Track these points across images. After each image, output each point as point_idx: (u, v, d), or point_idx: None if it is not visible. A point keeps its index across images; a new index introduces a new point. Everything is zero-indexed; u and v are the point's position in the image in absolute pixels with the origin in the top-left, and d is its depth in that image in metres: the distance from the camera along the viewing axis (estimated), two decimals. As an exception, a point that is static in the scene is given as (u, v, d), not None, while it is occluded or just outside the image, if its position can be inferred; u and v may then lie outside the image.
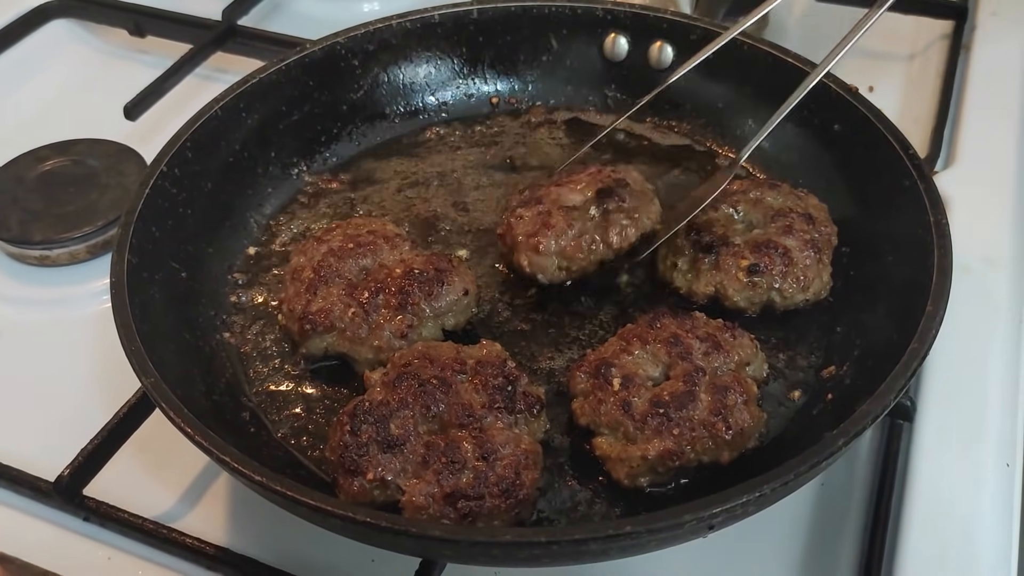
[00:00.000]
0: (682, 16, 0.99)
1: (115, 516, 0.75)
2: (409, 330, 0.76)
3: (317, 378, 0.80)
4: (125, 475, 0.79)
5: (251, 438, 0.74)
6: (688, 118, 1.00)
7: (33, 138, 1.09)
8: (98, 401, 0.86)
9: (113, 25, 1.28)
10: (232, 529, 0.77)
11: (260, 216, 0.93)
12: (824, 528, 0.75)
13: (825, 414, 0.73)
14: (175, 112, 1.14)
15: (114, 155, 1.06)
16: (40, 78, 1.24)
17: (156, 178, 0.83)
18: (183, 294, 0.82)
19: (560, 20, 1.01)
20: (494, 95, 1.05)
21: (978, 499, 0.73)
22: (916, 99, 1.13)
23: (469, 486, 0.65)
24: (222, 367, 0.80)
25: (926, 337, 0.67)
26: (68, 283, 0.98)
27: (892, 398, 0.64)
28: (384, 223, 0.85)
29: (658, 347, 0.73)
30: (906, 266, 0.75)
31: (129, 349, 0.69)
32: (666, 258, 0.84)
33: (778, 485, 0.59)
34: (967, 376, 0.80)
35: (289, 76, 0.95)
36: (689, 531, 0.60)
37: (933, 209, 0.76)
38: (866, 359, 0.75)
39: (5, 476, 0.78)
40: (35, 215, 1.00)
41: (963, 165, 0.99)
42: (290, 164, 0.96)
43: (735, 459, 0.70)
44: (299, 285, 0.80)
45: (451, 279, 0.78)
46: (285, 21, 1.31)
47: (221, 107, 0.90)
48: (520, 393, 0.70)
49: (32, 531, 0.77)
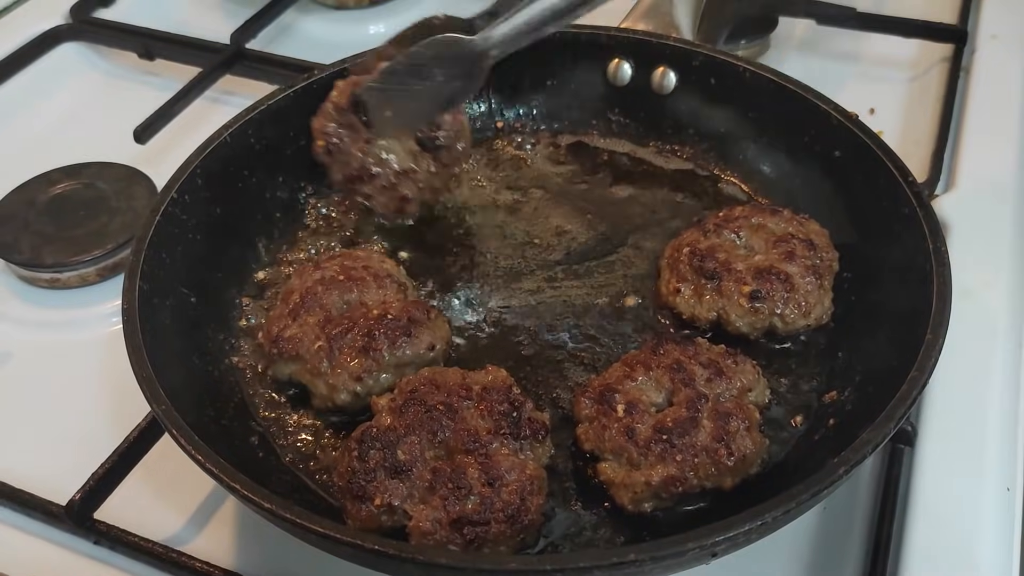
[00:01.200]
0: (685, 42, 1.00)
1: (125, 540, 0.76)
2: (365, 374, 0.76)
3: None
4: (133, 498, 0.80)
5: (260, 463, 0.75)
6: (691, 142, 1.01)
7: (44, 161, 1.10)
8: (107, 423, 0.87)
9: (123, 49, 1.30)
10: (240, 552, 0.78)
11: (268, 241, 0.94)
12: (826, 552, 0.76)
13: (827, 440, 0.74)
14: (184, 135, 1.15)
15: (124, 178, 1.08)
16: (50, 101, 1.26)
17: (167, 205, 0.84)
18: (193, 319, 0.83)
19: (565, 46, 1.02)
20: (499, 119, 1.06)
21: (979, 523, 0.73)
22: (916, 122, 1.14)
23: (475, 512, 0.66)
24: (231, 391, 0.81)
25: (926, 365, 0.68)
26: (78, 306, 0.99)
27: (892, 426, 0.65)
28: (383, 259, 0.86)
29: (661, 373, 0.74)
30: (906, 293, 0.76)
31: (141, 376, 0.70)
32: (669, 283, 0.85)
33: (780, 513, 0.60)
34: (968, 400, 0.81)
35: (298, 102, 0.96)
36: (692, 558, 0.60)
37: (932, 237, 0.77)
38: (867, 385, 0.75)
39: (17, 500, 0.79)
40: (46, 238, 1.01)
41: (963, 188, 1.00)
42: (298, 189, 0.97)
43: (737, 484, 0.70)
44: (284, 308, 0.81)
45: (419, 332, 0.77)
46: (292, 44, 1.33)
47: (230, 134, 0.91)
48: (525, 419, 0.71)
49: (42, 554, 0.77)
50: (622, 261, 0.91)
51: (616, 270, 0.91)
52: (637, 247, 0.93)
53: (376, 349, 0.76)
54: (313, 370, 0.77)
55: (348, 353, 0.77)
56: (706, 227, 0.86)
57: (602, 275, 0.90)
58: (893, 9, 1.26)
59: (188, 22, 1.36)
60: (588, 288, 0.89)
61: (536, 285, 0.90)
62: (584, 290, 0.89)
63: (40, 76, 1.28)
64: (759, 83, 0.95)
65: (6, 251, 1.00)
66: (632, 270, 0.90)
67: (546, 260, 0.92)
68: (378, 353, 0.76)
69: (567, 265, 0.91)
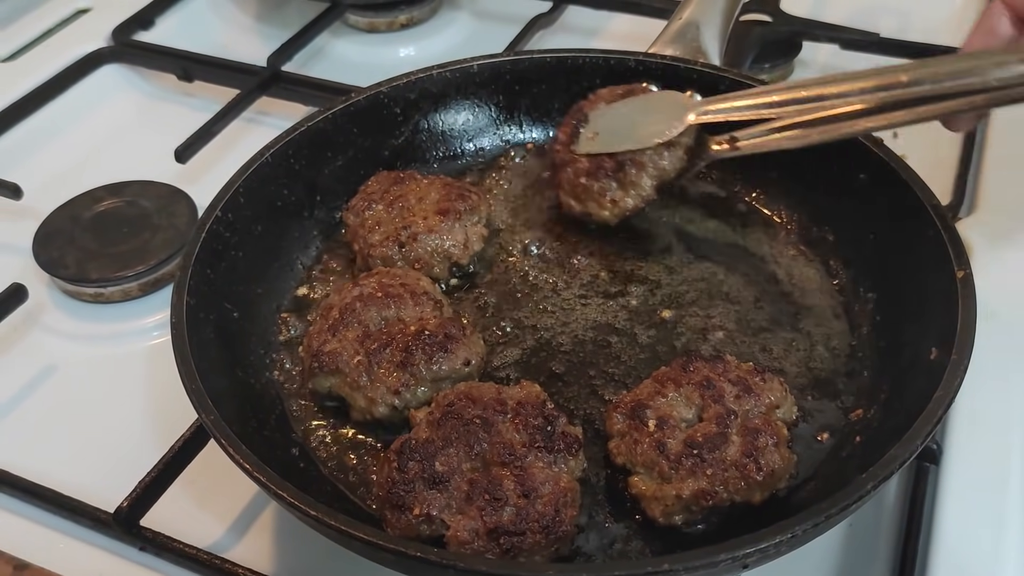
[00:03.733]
0: (711, 67, 1.03)
1: (170, 547, 0.78)
2: (403, 388, 0.78)
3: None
4: (177, 507, 0.82)
5: (301, 473, 0.78)
6: (717, 166, 1.03)
7: (88, 179, 1.14)
8: (149, 434, 0.90)
9: (162, 71, 1.34)
10: (280, 559, 0.80)
11: (306, 258, 0.97)
12: (853, 568, 0.77)
13: (854, 457, 0.75)
14: (222, 154, 1.19)
15: (165, 197, 1.11)
16: (93, 121, 1.30)
17: (212, 223, 0.87)
18: (235, 333, 0.86)
19: (593, 70, 1.05)
20: (529, 142, 1.09)
21: (1004, 541, 0.75)
22: (940, 144, 1.15)
23: (511, 522, 0.68)
24: (272, 404, 0.84)
25: (951, 386, 0.69)
26: (121, 319, 1.02)
27: (919, 443, 0.66)
28: (419, 277, 0.88)
29: (691, 390, 0.76)
30: (931, 314, 0.78)
31: (189, 387, 0.73)
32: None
33: (809, 527, 0.62)
34: (992, 420, 0.82)
35: (335, 124, 1.00)
36: (724, 569, 0.62)
37: (957, 259, 0.78)
38: (893, 403, 0.77)
39: (67, 507, 0.82)
40: (90, 254, 1.04)
41: (987, 210, 1.02)
42: (335, 208, 1.00)
43: (766, 499, 0.72)
44: (324, 323, 0.84)
45: (455, 348, 0.80)
46: (326, 66, 1.37)
47: (271, 154, 0.94)
48: (559, 433, 0.73)
49: (90, 559, 0.80)
50: (653, 278, 0.94)
51: (648, 285, 0.93)
52: (667, 267, 0.95)
53: (414, 364, 0.79)
54: (352, 384, 0.80)
55: (387, 367, 0.79)
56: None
57: (634, 290, 0.93)
58: (916, 35, 1.28)
59: (226, 45, 1.40)
60: (618, 306, 0.91)
61: (568, 303, 0.92)
62: (615, 307, 0.91)
63: (83, 97, 1.31)
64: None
65: (52, 266, 1.03)
66: (663, 289, 0.93)
67: (580, 279, 0.94)
68: (416, 368, 0.79)
69: (599, 284, 0.94)
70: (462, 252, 0.93)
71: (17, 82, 1.29)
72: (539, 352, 0.87)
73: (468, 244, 0.93)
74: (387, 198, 0.95)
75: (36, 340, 1.01)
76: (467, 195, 0.96)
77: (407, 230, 0.92)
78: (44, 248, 1.05)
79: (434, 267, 0.92)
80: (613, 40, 1.36)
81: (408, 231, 0.92)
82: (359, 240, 0.94)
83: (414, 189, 0.96)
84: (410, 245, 0.91)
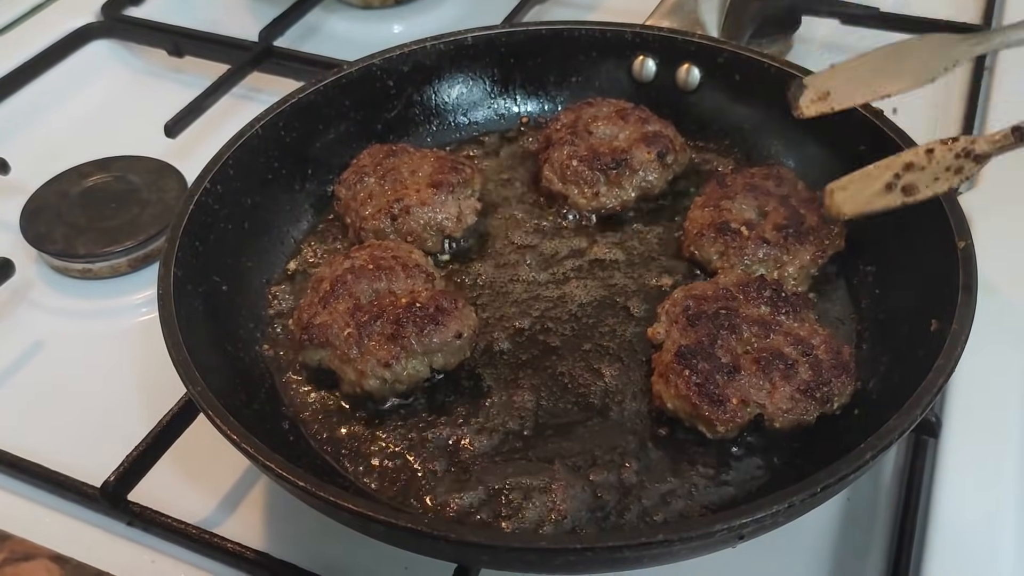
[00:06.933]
0: (709, 39, 1.01)
1: (158, 521, 0.77)
2: (394, 361, 0.77)
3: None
4: (165, 482, 0.81)
5: (291, 447, 0.77)
6: (715, 138, 1.02)
7: (76, 155, 1.13)
8: (137, 410, 0.89)
9: (152, 46, 1.32)
10: (269, 534, 0.79)
11: (297, 232, 0.96)
12: (850, 542, 0.76)
13: (852, 428, 0.74)
14: (212, 130, 1.17)
15: (154, 171, 1.10)
16: (82, 97, 1.28)
17: (200, 194, 0.85)
18: (224, 306, 0.85)
19: (590, 43, 1.04)
20: (524, 115, 1.07)
21: (1003, 514, 0.74)
22: (940, 121, 1.14)
23: (813, 378, 0.74)
24: (261, 377, 0.83)
25: (951, 355, 0.68)
26: (109, 295, 1.01)
27: (918, 413, 0.65)
28: (411, 250, 0.87)
29: (742, 196, 0.89)
30: (932, 286, 0.77)
31: (176, 359, 0.72)
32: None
33: (807, 496, 0.61)
34: (992, 393, 0.82)
35: (327, 96, 0.98)
36: (720, 540, 0.61)
37: (958, 229, 0.77)
38: (892, 375, 0.76)
39: (53, 481, 0.81)
40: (79, 229, 1.03)
41: (988, 185, 1.01)
42: (326, 181, 0.99)
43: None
44: (314, 296, 0.82)
45: (447, 320, 0.78)
46: (319, 42, 1.35)
47: (262, 126, 0.93)
48: (789, 295, 0.80)
49: (78, 534, 0.79)
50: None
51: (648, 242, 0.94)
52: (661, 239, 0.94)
53: (405, 336, 0.78)
54: (343, 356, 0.78)
55: (377, 340, 0.78)
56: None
57: (636, 245, 0.93)
58: (917, 9, 1.26)
59: (217, 20, 1.38)
60: (611, 280, 0.90)
61: (563, 276, 0.91)
62: (608, 281, 0.90)
63: (72, 72, 1.30)
64: (784, 79, 0.96)
65: (40, 241, 1.02)
66: (657, 262, 0.92)
67: (574, 253, 0.93)
68: (406, 340, 0.78)
69: (591, 258, 0.92)
70: (455, 225, 0.92)
71: (6, 57, 1.27)
72: (533, 326, 0.86)
73: (461, 217, 0.92)
74: (379, 171, 0.94)
75: (23, 316, 1.00)
76: (460, 168, 0.94)
77: (400, 203, 0.90)
78: (32, 223, 1.04)
79: (427, 240, 0.91)
80: (609, 13, 1.34)
81: (401, 204, 0.90)
82: (351, 213, 0.93)
83: (407, 162, 0.95)
84: (403, 218, 0.90)
